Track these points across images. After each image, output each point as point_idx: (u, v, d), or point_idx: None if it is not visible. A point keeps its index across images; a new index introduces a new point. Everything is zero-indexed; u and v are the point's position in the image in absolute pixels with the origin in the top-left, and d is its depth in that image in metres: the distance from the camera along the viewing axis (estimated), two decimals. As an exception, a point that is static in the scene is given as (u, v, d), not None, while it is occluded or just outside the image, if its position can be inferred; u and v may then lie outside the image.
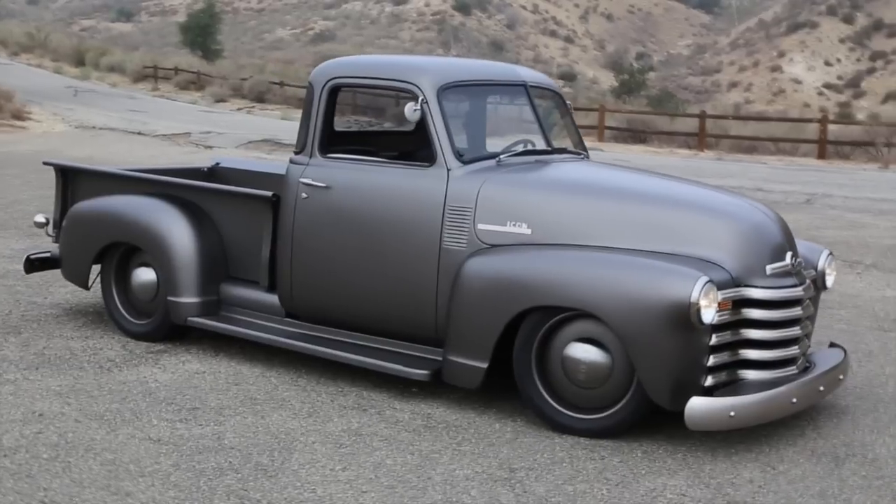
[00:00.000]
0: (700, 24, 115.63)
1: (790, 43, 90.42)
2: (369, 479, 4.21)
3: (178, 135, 24.49)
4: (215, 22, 69.47)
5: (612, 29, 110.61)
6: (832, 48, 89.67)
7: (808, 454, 4.62)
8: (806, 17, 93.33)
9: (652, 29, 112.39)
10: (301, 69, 62.71)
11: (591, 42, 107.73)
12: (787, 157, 22.79)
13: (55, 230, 6.88)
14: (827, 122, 23.07)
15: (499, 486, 4.17)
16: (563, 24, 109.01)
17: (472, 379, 5.00)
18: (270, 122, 31.08)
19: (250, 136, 24.14)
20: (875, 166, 20.72)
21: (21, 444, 4.46)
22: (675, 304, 4.42)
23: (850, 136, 23.25)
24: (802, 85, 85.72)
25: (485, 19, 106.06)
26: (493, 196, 5.11)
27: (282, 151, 21.62)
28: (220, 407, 5.07)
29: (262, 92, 38.99)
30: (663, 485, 4.22)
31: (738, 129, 25.38)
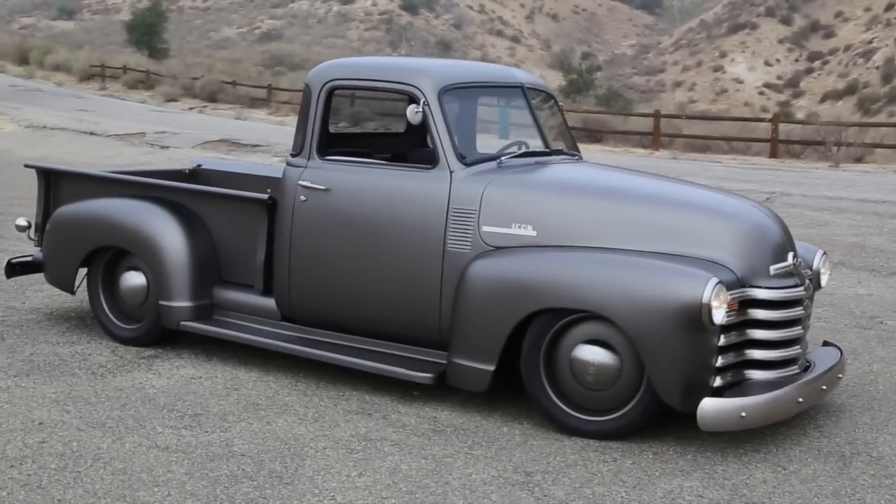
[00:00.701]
0: (643, 24, 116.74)
1: (731, 44, 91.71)
2: (387, 485, 4.18)
3: (131, 135, 24.16)
4: (161, 21, 68.74)
5: (558, 29, 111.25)
6: (772, 49, 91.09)
7: (814, 453, 4.67)
8: (746, 19, 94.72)
9: (596, 29, 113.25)
10: (251, 68, 62.26)
11: (538, 42, 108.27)
12: (739, 155, 23.09)
13: (37, 234, 6.74)
14: (778, 122, 23.42)
15: (517, 490, 4.16)
16: (509, 23, 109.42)
17: (479, 382, 4.99)
18: (224, 121, 30.80)
19: (206, 136, 23.89)
20: (826, 165, 21.07)
21: (26, 454, 4.37)
22: (687, 305, 4.45)
23: (800, 136, 23.62)
24: (744, 85, 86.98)
25: (432, 19, 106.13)
26: (497, 198, 5.11)
27: (240, 151, 21.47)
28: (224, 413, 5.01)
29: (213, 91, 38.60)
30: (679, 486, 4.24)
31: (690, 128, 25.65)
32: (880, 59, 79.38)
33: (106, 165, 14.38)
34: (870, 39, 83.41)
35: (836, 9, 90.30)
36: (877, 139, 22.59)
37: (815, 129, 23.94)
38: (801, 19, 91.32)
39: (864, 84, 77.77)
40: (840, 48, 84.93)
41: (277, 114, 34.75)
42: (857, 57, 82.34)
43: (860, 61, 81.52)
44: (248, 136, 24.65)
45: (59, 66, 51.81)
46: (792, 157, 22.33)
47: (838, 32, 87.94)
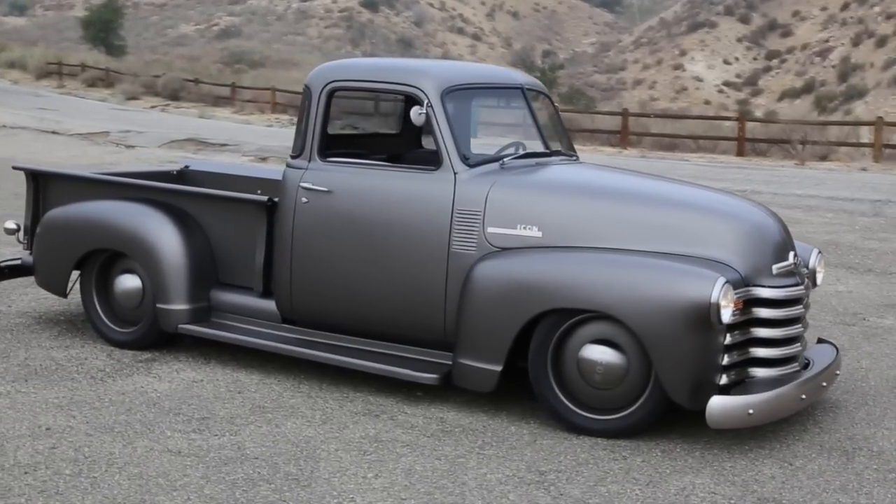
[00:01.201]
0: (604, 22, 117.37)
1: (691, 42, 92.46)
2: (405, 486, 4.20)
3: (95, 134, 23.94)
4: (118, 17, 68.10)
5: (519, 27, 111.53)
6: (730, 47, 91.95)
7: (817, 449, 4.76)
8: (705, 17, 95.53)
9: (557, 27, 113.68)
10: (210, 66, 61.83)
11: (498, 40, 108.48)
12: (707, 154, 23.32)
13: (26, 237, 6.68)
14: (745, 121, 23.68)
15: (533, 490, 4.21)
16: (470, 21, 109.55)
17: (486, 382, 5.03)
18: (188, 120, 30.59)
19: (172, 135, 23.73)
20: (792, 163, 21.34)
21: (38, 461, 4.34)
22: (696, 304, 4.52)
23: (763, 134, 23.89)
24: (703, 83, 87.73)
25: (393, 16, 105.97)
26: (502, 199, 5.14)
27: (208, 151, 21.35)
28: (230, 416, 5.00)
29: (176, 90, 38.31)
30: (691, 483, 4.31)
31: (657, 126, 25.87)
32: (836, 58, 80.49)
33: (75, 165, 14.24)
34: (826, 38, 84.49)
35: (794, 8, 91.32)
36: (841, 137, 22.93)
37: (781, 127, 24.22)
38: (759, 18, 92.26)
39: (821, 82, 78.82)
40: (797, 47, 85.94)
41: (242, 112, 34.58)
42: (813, 56, 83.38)
43: (817, 60, 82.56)
44: (215, 134, 24.51)
45: (14, 63, 51.13)
46: (758, 155, 22.60)
47: (795, 31, 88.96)
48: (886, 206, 14.40)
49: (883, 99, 71.92)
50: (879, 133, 21.31)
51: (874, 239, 11.55)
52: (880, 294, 8.60)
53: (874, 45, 78.66)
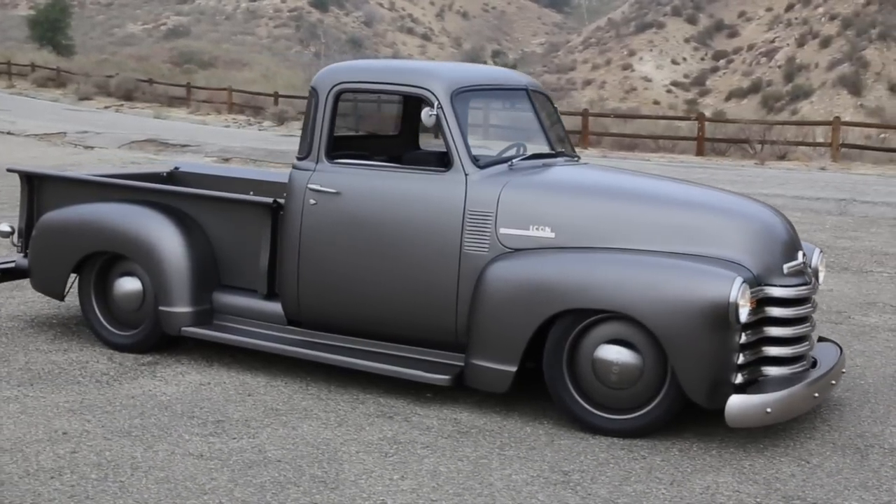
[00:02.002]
0: (552, 22, 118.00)
1: (639, 42, 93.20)
2: (433, 488, 4.21)
3: (52, 134, 23.64)
4: (66, 16, 67.15)
5: (468, 27, 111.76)
6: (678, 48, 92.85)
7: (830, 447, 4.84)
8: (653, 18, 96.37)
9: (506, 27, 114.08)
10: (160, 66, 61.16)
11: (448, 40, 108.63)
12: (667, 154, 23.56)
13: (20, 240, 6.58)
14: (704, 121, 23.96)
15: (560, 490, 4.24)
16: (419, 21, 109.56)
17: (501, 383, 5.05)
18: (144, 121, 30.26)
19: (131, 136, 23.49)
20: (752, 163, 21.63)
21: (62, 465, 4.29)
22: (715, 304, 4.58)
23: (718, 134, 24.19)
24: (652, 83, 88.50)
25: (342, 16, 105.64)
26: (514, 200, 5.17)
27: (170, 151, 21.16)
28: (245, 419, 4.98)
29: (129, 90, 37.85)
30: (714, 482, 4.36)
31: (616, 126, 26.09)
32: (782, 59, 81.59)
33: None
34: (772, 39, 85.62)
35: (740, 9, 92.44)
36: (798, 137, 23.28)
37: (736, 127, 24.53)
38: (706, 19, 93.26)
39: (767, 82, 79.84)
40: (744, 47, 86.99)
41: (198, 112, 34.26)
42: (760, 56, 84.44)
43: (763, 60, 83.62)
44: (174, 135, 24.28)
45: (-39, 63, 50.18)
46: (717, 154, 22.88)
47: (742, 32, 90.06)
48: (851, 204, 14.66)
49: (828, 99, 73.16)
50: (836, 133, 21.68)
51: (845, 238, 11.76)
52: (860, 292, 8.76)
53: (818, 46, 79.90)
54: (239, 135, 26.26)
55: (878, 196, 15.57)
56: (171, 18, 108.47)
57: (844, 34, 79.05)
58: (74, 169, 14.42)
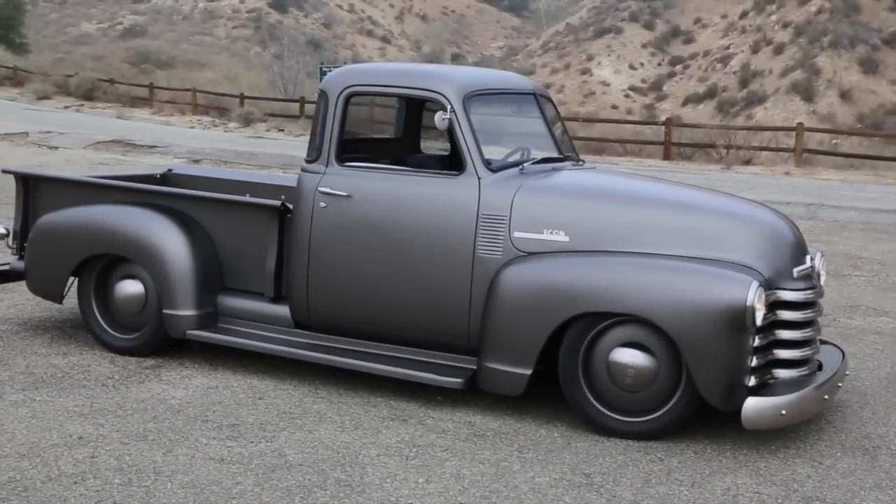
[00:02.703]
0: (511, 26, 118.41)
1: (598, 47, 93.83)
2: (460, 491, 4.23)
3: (14, 134, 23.26)
4: (20, 14, 66.20)
5: (427, 30, 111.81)
6: (636, 53, 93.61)
7: (839, 448, 4.93)
8: (611, 23, 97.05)
9: (465, 30, 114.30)
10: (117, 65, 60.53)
11: (408, 42, 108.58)
12: (634, 157, 23.75)
13: (15, 242, 6.50)
14: (671, 126, 24.20)
15: (585, 492, 4.27)
16: (379, 24, 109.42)
17: (515, 386, 5.08)
18: (107, 121, 29.89)
19: (96, 137, 23.19)
20: (718, 167, 21.87)
21: (83, 470, 4.25)
22: (732, 307, 4.64)
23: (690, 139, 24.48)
24: (610, 87, 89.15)
25: (302, 18, 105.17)
26: (528, 204, 5.20)
27: (137, 153, 20.95)
28: (260, 423, 4.96)
29: (90, 89, 37.41)
30: (734, 484, 4.42)
31: (583, 130, 26.25)
32: (737, 65, 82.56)
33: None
34: (727, 45, 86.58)
35: (695, 15, 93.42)
36: (763, 142, 23.59)
37: (698, 132, 24.81)
38: (663, 25, 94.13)
39: (722, 88, 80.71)
40: (700, 53, 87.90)
41: (161, 113, 33.93)
42: (715, 62, 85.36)
43: (718, 66, 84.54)
44: (141, 136, 24.02)
45: (-88, 61, 49.27)
46: (684, 159, 23.11)
47: (697, 38, 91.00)
48: (820, 209, 14.88)
49: (782, 105, 74.15)
50: (801, 138, 22.00)
51: (818, 241, 11.92)
52: (841, 295, 8.90)
53: (772, 53, 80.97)
54: (206, 136, 26.06)
55: (845, 201, 15.82)
56: (126, 18, 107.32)
57: (797, 42, 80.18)
58: (42, 169, 14.24)
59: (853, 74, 74.78)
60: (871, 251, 11.46)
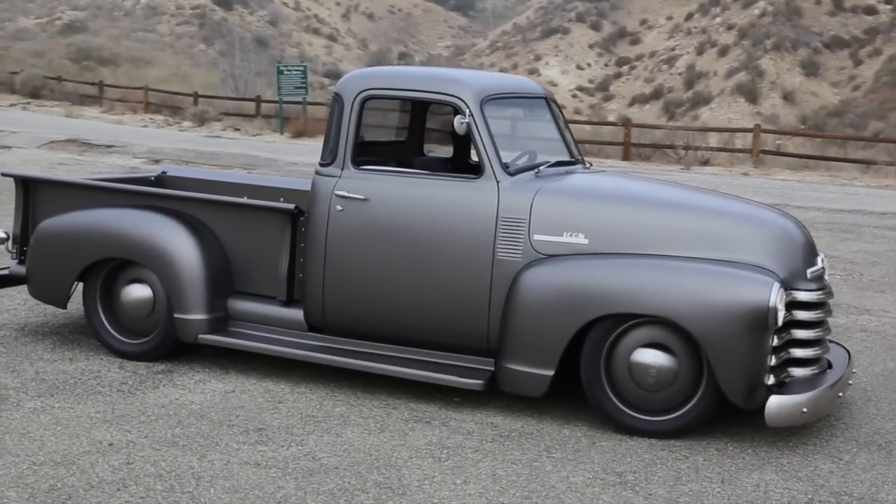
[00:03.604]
0: (458, 26, 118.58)
1: (545, 47, 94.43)
2: (499, 492, 4.28)
3: (-38, 134, 22.86)
4: (-44, 10, 64.86)
5: (374, 28, 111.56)
6: (583, 53, 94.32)
7: (854, 444, 5.06)
8: (558, 24, 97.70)
9: (412, 29, 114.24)
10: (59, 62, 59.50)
11: (354, 41, 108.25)
12: (593, 158, 23.94)
13: (15, 246, 6.42)
14: (631, 126, 24.47)
15: (622, 491, 4.34)
16: (325, 22, 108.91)
17: (537, 387, 5.14)
18: (56, 119, 29.48)
19: (50, 136, 22.87)
20: (678, 168, 22.16)
21: (122, 477, 4.23)
22: (756, 308, 4.75)
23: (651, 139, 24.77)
24: (558, 87, 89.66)
25: (247, 15, 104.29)
26: (547, 207, 5.26)
27: (94, 152, 20.69)
28: (286, 426, 4.96)
29: (36, 87, 36.82)
30: (761, 480, 4.52)
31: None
32: (682, 66, 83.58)
33: None
34: (672, 47, 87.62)
35: (641, 17, 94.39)
36: (720, 143, 23.95)
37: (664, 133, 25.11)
38: (610, 26, 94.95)
39: (668, 89, 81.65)
40: (646, 54, 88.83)
41: (112, 112, 33.52)
42: (661, 63, 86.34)
43: (664, 67, 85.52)
44: (95, 135, 23.74)
45: None
46: (643, 159, 23.38)
47: (644, 39, 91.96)
48: (785, 209, 15.12)
49: (727, 106, 75.23)
50: (758, 139, 22.38)
51: (790, 242, 12.15)
52: (822, 295, 9.08)
53: (717, 54, 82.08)
54: (161, 135, 25.81)
55: (808, 201, 16.14)
56: (66, 13, 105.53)
57: (741, 44, 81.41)
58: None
59: (795, 77, 76.15)
60: (841, 251, 11.71)
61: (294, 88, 28.63)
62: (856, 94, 71.86)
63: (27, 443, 4.58)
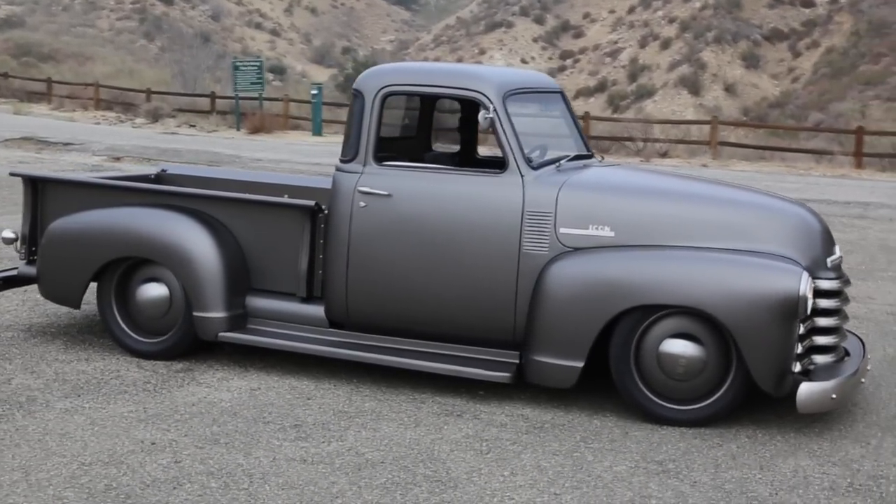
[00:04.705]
0: (401, 20, 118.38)
1: (490, 41, 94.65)
2: (549, 482, 4.33)
3: (-88, 132, 22.37)
4: None
5: (318, 23, 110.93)
6: (527, 47, 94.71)
7: (876, 428, 5.19)
8: (502, 17, 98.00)
9: (356, 24, 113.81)
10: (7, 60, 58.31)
11: (298, 35, 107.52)
12: (552, 152, 24.10)
13: (23, 246, 6.33)
14: (589, 119, 24.65)
15: (666, 479, 4.42)
16: (268, 16, 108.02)
17: (567, 378, 5.20)
18: (5, 117, 28.97)
19: (3, 133, 22.44)
20: (637, 160, 22.38)
21: (175, 476, 4.22)
22: (786, 297, 4.85)
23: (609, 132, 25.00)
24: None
25: (189, 10, 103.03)
26: (573, 201, 5.32)
27: (51, 150, 20.36)
28: (321, 423, 4.97)
29: (-19, 84, 36.09)
30: (798, 466, 4.63)
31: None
32: (626, 59, 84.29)
33: None
34: (615, 40, 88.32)
35: (584, 10, 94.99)
36: (679, 135, 24.24)
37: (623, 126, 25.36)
38: (553, 19, 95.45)
39: (612, 82, 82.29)
40: (589, 48, 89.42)
41: (62, 109, 32.98)
42: (605, 56, 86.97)
43: (608, 60, 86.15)
44: (51, 133, 23.35)
45: None
46: (601, 151, 23.51)
47: (587, 33, 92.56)
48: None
49: (670, 98, 76.05)
50: (715, 131, 22.70)
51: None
52: (807, 284, 9.27)
53: (659, 47, 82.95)
54: (116, 133, 25.46)
55: (771, 192, 16.39)
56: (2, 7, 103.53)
57: (683, 37, 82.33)
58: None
59: (736, 69, 77.21)
60: (814, 240, 11.92)
61: (250, 84, 28.39)
62: (795, 86, 73.04)
63: (69, 443, 4.54)
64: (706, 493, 4.28)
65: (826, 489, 4.37)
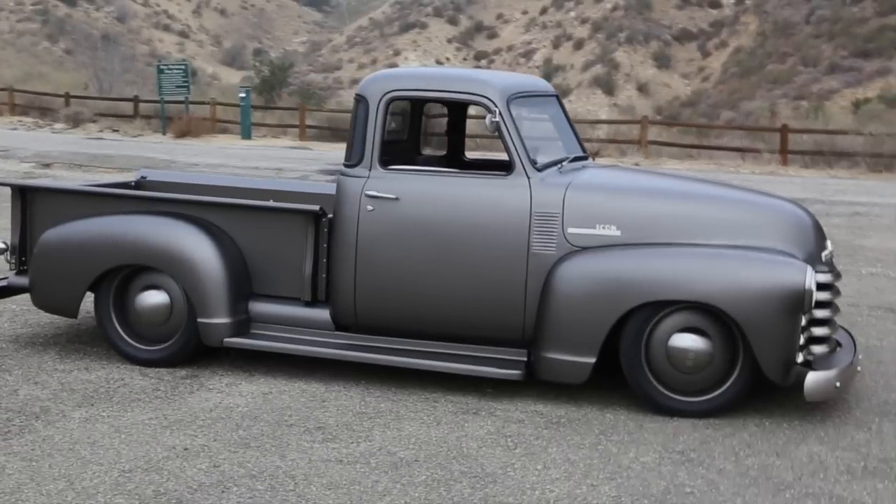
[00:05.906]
0: (313, 21, 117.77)
1: (404, 42, 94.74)
2: (583, 475, 4.45)
3: None
4: None
5: (227, 24, 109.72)
6: (442, 47, 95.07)
7: (874, 413, 5.43)
8: (415, 18, 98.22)
9: (266, 25, 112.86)
10: None
11: (207, 37, 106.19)
12: (483, 153, 24.31)
13: (13, 257, 6.23)
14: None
15: (692, 468, 4.58)
16: (176, 18, 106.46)
17: (579, 374, 5.33)
18: (-79, 123, 28.10)
19: (-74, 140, 21.81)
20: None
21: (219, 480, 4.24)
22: (793, 291, 5.06)
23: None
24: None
25: (93, 11, 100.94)
26: (580, 201, 5.45)
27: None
28: (344, 424, 5.02)
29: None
30: (811, 451, 4.82)
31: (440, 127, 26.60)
32: (540, 59, 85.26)
33: None
34: (529, 41, 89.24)
35: (497, 11, 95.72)
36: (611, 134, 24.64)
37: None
38: (467, 20, 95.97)
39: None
40: (504, 48, 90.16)
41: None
42: (519, 56, 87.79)
43: (522, 60, 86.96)
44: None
45: None
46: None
47: (501, 33, 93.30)
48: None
49: (585, 98, 77.06)
50: (645, 130, 23.16)
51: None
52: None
53: (573, 48, 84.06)
54: (38, 138, 24.91)
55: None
56: None
57: (595, 37, 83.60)
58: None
59: (648, 69, 78.68)
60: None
61: (175, 87, 28.02)
62: (706, 85, 74.68)
63: (102, 451, 4.52)
64: (734, 480, 4.44)
65: (844, 472, 4.57)
